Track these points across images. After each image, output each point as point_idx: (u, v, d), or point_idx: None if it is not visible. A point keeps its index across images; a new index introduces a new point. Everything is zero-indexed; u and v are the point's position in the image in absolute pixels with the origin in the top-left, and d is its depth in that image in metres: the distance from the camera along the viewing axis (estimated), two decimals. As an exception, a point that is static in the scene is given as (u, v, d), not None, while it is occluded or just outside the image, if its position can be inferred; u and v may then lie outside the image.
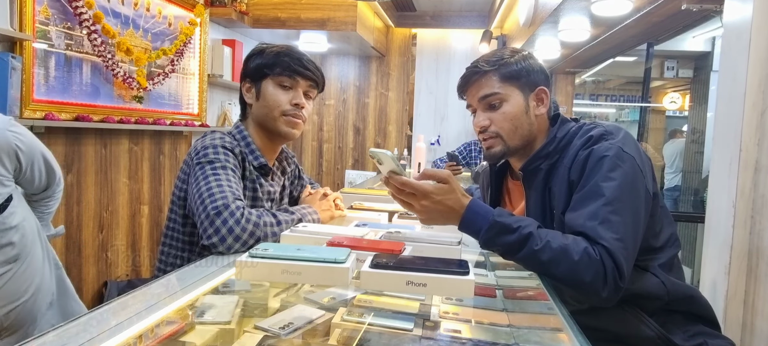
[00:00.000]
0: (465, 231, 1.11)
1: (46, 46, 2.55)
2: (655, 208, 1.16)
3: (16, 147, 1.63)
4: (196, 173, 1.29)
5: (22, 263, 1.68)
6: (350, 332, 0.83)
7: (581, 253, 1.00)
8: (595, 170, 1.10)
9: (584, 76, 6.74)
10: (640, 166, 1.11)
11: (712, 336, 1.17)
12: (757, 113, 1.46)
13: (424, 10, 5.10)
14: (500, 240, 1.06)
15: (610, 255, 1.00)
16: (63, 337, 0.69)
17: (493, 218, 1.06)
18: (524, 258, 1.05)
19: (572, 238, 1.04)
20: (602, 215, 1.04)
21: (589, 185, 1.09)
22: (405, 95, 5.35)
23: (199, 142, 1.39)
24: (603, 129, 1.18)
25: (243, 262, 0.88)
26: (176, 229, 1.40)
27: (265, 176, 1.46)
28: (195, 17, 3.62)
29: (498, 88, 1.22)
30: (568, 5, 2.54)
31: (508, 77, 1.23)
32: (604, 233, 1.02)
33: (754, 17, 1.47)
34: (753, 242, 1.46)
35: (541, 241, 1.03)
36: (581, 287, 1.01)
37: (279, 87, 1.42)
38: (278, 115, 1.42)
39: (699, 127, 5.13)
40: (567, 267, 1.00)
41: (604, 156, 1.10)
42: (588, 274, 0.99)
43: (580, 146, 1.17)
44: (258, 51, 1.46)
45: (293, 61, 1.41)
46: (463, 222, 1.10)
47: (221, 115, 4.15)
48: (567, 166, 1.16)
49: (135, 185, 3.31)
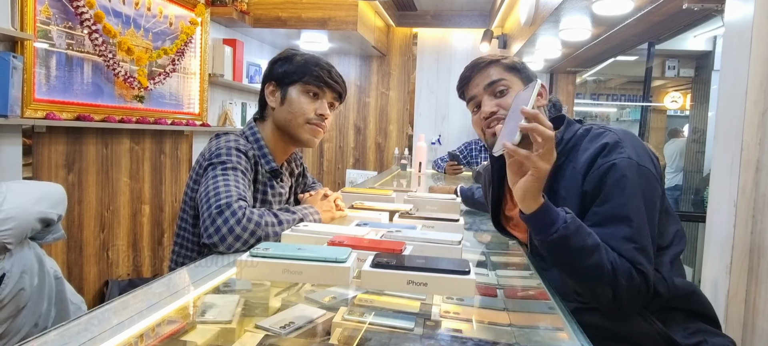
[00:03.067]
0: (536, 218, 1.03)
1: (47, 45, 2.55)
2: (662, 206, 1.17)
3: (5, 242, 1.69)
4: (207, 174, 1.30)
5: (19, 314, 1.75)
6: (351, 331, 0.83)
7: (626, 276, 1.04)
8: (616, 190, 1.09)
9: (585, 76, 6.74)
10: (655, 176, 1.13)
11: (712, 334, 1.17)
12: (758, 112, 1.46)
13: (424, 9, 5.10)
14: (576, 239, 1.01)
15: (646, 280, 1.05)
16: (64, 336, 0.69)
17: (572, 216, 1.04)
18: (587, 267, 1.03)
19: (616, 257, 1.05)
20: (636, 239, 1.06)
21: (613, 204, 1.09)
22: (406, 95, 5.35)
23: (213, 143, 1.41)
24: (615, 136, 1.17)
25: (244, 261, 0.89)
26: (187, 229, 1.41)
27: (276, 179, 1.48)
28: (196, 17, 3.62)
29: (504, 75, 1.27)
30: (569, 4, 2.53)
31: (510, 68, 1.28)
32: (640, 258, 1.05)
33: (755, 16, 1.47)
34: (754, 241, 1.46)
35: (607, 255, 1.04)
36: (616, 306, 1.06)
37: (306, 95, 1.45)
38: (303, 122, 1.45)
39: (700, 127, 5.13)
40: (609, 290, 1.04)
41: (624, 176, 1.09)
42: (629, 299, 1.05)
43: (594, 154, 1.15)
44: (287, 56, 1.48)
45: (323, 72, 1.45)
46: (542, 206, 1.02)
47: (222, 115, 4.15)
48: (580, 173, 1.15)
49: (136, 185, 3.31)
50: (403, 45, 5.33)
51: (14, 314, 1.73)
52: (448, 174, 3.73)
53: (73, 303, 1.96)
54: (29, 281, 1.76)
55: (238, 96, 4.43)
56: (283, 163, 1.55)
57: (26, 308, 1.75)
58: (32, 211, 1.75)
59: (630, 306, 1.06)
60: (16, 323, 1.74)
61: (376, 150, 5.43)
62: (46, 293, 1.84)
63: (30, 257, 1.78)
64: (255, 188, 1.40)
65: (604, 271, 1.02)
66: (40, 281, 1.81)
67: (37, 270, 1.80)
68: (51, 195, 1.86)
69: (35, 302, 1.79)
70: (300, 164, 1.69)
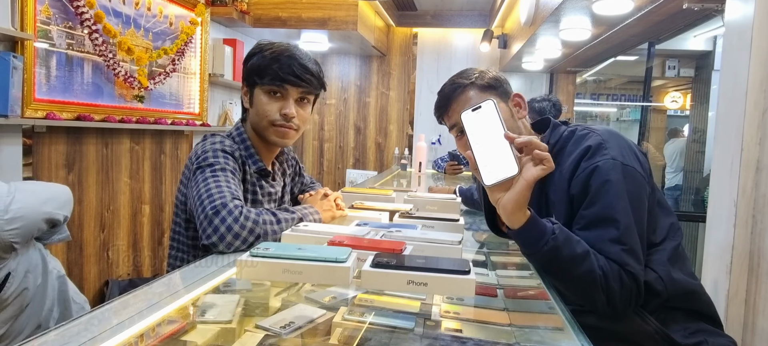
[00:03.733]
0: (525, 232, 1.02)
1: (48, 45, 2.55)
2: (652, 203, 1.16)
3: (12, 242, 1.69)
4: (196, 177, 1.29)
5: (22, 313, 1.76)
6: (351, 331, 0.83)
7: (618, 280, 1.03)
8: (601, 192, 1.09)
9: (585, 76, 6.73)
10: (642, 174, 1.13)
11: (713, 334, 1.16)
12: (758, 112, 1.46)
13: (425, 9, 5.10)
14: (566, 249, 1.01)
15: (635, 281, 1.05)
16: (64, 336, 0.69)
17: (559, 226, 1.03)
18: (579, 276, 1.03)
19: (605, 261, 1.04)
20: (623, 240, 1.05)
21: (599, 206, 1.08)
22: (406, 94, 5.35)
23: (199, 146, 1.38)
24: (598, 137, 1.16)
25: (244, 261, 0.88)
26: (180, 232, 1.41)
27: (264, 178, 1.47)
28: (196, 16, 3.62)
29: (482, 98, 1.19)
30: (569, 4, 2.53)
31: (486, 88, 1.25)
32: (629, 259, 1.05)
33: (755, 16, 1.46)
34: (754, 241, 1.46)
35: (596, 259, 1.04)
36: (610, 310, 1.05)
37: (268, 96, 1.38)
38: (267, 124, 1.39)
39: (700, 127, 5.12)
40: (603, 295, 1.03)
41: (608, 179, 1.09)
42: (622, 302, 1.04)
43: (578, 157, 1.15)
44: (255, 52, 1.42)
45: (282, 69, 1.35)
46: (530, 219, 1.01)
47: (222, 115, 4.15)
48: (566, 178, 1.15)
49: (136, 185, 3.31)
50: (403, 45, 5.33)
51: (17, 313, 1.73)
52: (448, 174, 3.73)
53: (76, 303, 1.96)
54: (33, 281, 1.76)
55: (238, 96, 4.43)
56: (273, 163, 1.54)
57: (29, 307, 1.76)
58: (39, 211, 1.76)
59: (624, 308, 1.06)
60: (19, 322, 1.74)
61: (376, 150, 5.43)
62: (49, 293, 1.84)
63: (35, 257, 1.79)
64: (244, 188, 1.40)
65: (596, 277, 1.02)
66: (44, 280, 1.82)
67: (41, 270, 1.81)
68: (58, 196, 1.87)
69: (38, 301, 1.79)
70: (294, 163, 1.66)
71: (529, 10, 3.27)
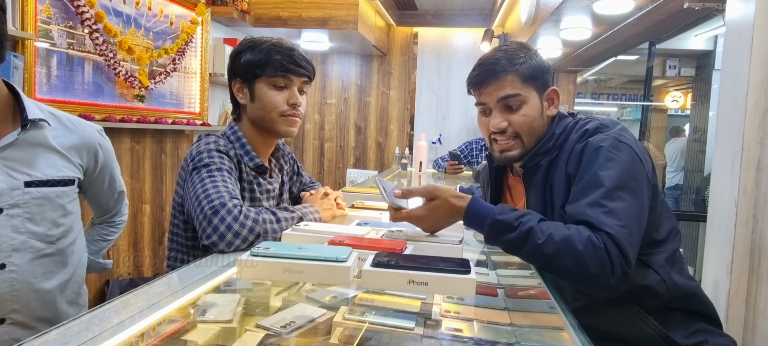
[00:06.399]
0: (470, 219, 1.12)
1: (48, 45, 2.55)
2: (656, 200, 1.15)
3: (98, 145, 1.63)
4: (192, 179, 1.28)
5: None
6: (352, 330, 0.83)
7: (585, 242, 0.98)
8: (591, 161, 1.09)
9: (586, 75, 6.74)
10: (638, 154, 1.11)
11: (713, 334, 1.16)
12: (759, 112, 1.46)
13: (425, 8, 5.09)
14: (503, 239, 1.06)
15: (614, 242, 0.98)
16: (65, 335, 0.69)
17: (494, 216, 1.06)
18: (528, 254, 1.04)
19: (575, 227, 1.02)
20: (604, 202, 1.03)
21: (587, 176, 1.09)
22: (406, 94, 5.35)
23: (193, 147, 1.38)
24: (598, 122, 1.19)
25: (244, 260, 0.88)
26: (179, 234, 1.40)
27: (262, 175, 1.46)
28: (196, 16, 3.62)
29: (519, 89, 1.20)
30: (569, 4, 2.53)
31: (528, 78, 1.21)
32: (607, 220, 1.00)
33: (756, 16, 1.46)
34: (755, 240, 1.46)
35: (542, 234, 1.01)
36: (588, 277, 0.99)
37: (274, 88, 1.39)
38: (277, 116, 1.40)
39: (701, 126, 5.12)
40: (572, 259, 0.99)
41: (600, 146, 1.10)
42: (594, 264, 0.98)
43: (576, 140, 1.17)
44: (246, 47, 1.41)
45: (285, 59, 1.37)
46: (466, 224, 1.12)
47: (223, 114, 4.16)
48: (564, 161, 1.17)
49: (137, 184, 3.31)
50: (403, 44, 5.33)
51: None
52: (448, 174, 3.73)
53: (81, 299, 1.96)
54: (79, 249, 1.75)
55: (238, 95, 4.43)
56: (270, 159, 1.53)
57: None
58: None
59: (603, 274, 0.98)
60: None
61: (376, 149, 5.43)
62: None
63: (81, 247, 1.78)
64: (241, 186, 1.39)
65: (556, 241, 0.99)
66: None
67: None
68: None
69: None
70: (292, 161, 1.66)
71: (529, 10, 3.27)
